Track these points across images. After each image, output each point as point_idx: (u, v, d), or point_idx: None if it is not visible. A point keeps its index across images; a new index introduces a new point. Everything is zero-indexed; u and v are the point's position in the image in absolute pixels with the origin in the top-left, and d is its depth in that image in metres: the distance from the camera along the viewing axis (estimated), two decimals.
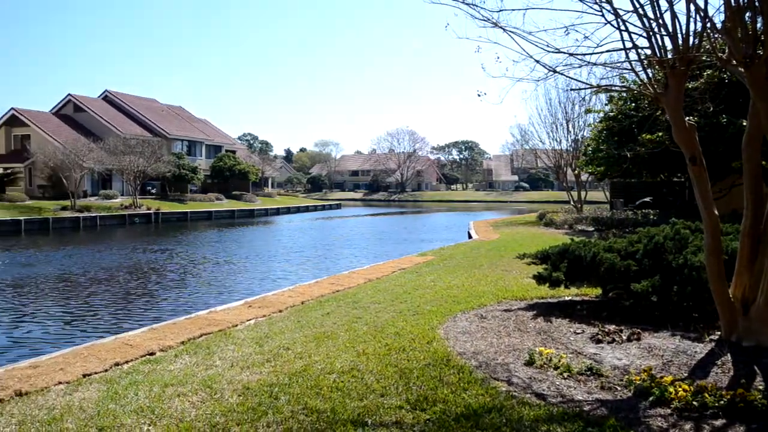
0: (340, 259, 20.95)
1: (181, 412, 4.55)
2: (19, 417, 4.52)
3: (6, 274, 16.78)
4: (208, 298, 13.24)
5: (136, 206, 40.85)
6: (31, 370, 5.79)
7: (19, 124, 47.38)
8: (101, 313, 11.85)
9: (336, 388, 5.03)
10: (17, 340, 9.74)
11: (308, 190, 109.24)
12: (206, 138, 60.12)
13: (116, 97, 56.05)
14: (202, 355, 6.26)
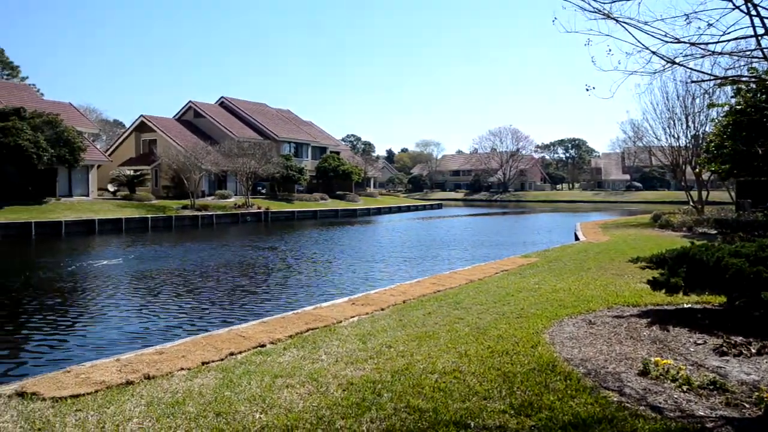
0: (440, 259, 20.90)
1: (289, 403, 4.75)
2: (147, 398, 4.92)
3: (137, 267, 18.39)
4: (312, 295, 13.72)
5: (248, 205, 43.21)
6: (158, 356, 6.30)
7: (147, 129, 51.77)
8: (216, 305, 12.65)
9: (438, 388, 5.03)
10: (145, 327, 10.64)
11: (409, 190, 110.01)
12: (312, 140, 62.36)
13: (231, 102, 59.61)
14: (308, 349, 6.49)
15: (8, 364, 8.51)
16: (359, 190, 65.48)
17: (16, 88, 45.82)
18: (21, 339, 9.92)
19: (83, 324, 10.93)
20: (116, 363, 6.03)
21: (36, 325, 10.78)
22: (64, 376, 5.60)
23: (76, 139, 35.42)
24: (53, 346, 9.33)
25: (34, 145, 31.78)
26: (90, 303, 12.86)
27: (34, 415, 4.58)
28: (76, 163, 35.74)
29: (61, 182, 37.90)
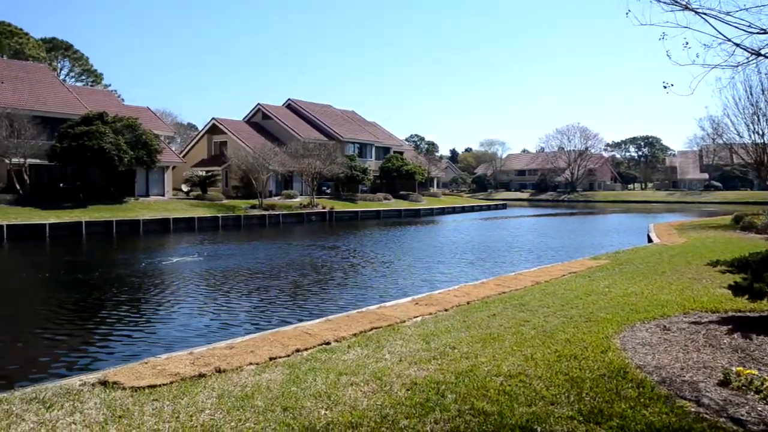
0: (504, 260, 20.56)
1: (354, 401, 4.80)
2: (219, 391, 5.11)
3: (208, 264, 19.13)
4: (376, 294, 13.82)
5: (313, 205, 44.04)
6: (228, 350, 6.52)
7: (218, 132, 53.72)
8: (282, 302, 12.97)
9: (503, 391, 4.94)
10: (215, 322, 11.04)
11: (473, 190, 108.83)
12: (376, 140, 62.83)
13: (297, 104, 60.94)
14: (372, 347, 6.54)
15: (91, 354, 9.04)
16: (422, 190, 65.40)
17: (99, 94, 48.70)
18: (102, 331, 10.52)
19: (158, 317, 11.48)
20: (189, 356, 6.28)
21: (116, 318, 11.40)
22: (142, 367, 5.90)
23: (153, 141, 37.24)
24: (131, 338, 9.84)
25: (116, 147, 33.66)
26: (164, 298, 13.48)
27: (115, 402, 4.84)
28: (153, 164, 37.58)
29: (139, 182, 39.93)
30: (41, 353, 9.07)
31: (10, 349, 9.30)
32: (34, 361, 8.67)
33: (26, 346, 9.50)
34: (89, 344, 9.70)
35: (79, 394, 5.09)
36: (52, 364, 8.47)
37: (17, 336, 10.07)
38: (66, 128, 33.79)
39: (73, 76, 70.02)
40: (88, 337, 10.16)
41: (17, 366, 8.47)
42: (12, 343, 9.64)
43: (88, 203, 33.47)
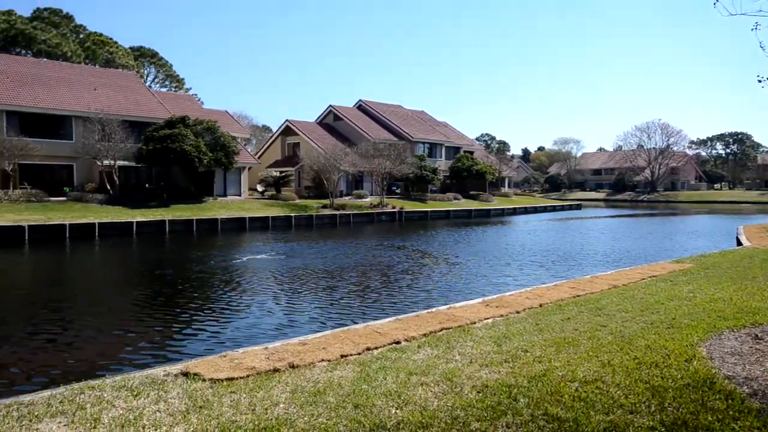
0: (578, 262, 19.91)
1: (424, 401, 4.79)
2: (292, 386, 5.24)
3: (281, 262, 19.68)
4: (445, 294, 13.74)
5: (383, 205, 44.35)
6: (301, 346, 6.68)
7: (292, 133, 55.16)
8: (352, 300, 13.14)
9: (578, 397, 4.79)
10: (288, 318, 11.34)
11: (546, 190, 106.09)
12: (446, 140, 62.48)
13: (368, 105, 61.57)
14: (442, 348, 6.51)
15: (172, 346, 9.51)
16: (493, 190, 64.42)
17: (181, 99, 51.17)
18: (183, 323, 11.04)
19: (234, 313, 11.92)
20: (264, 351, 6.48)
21: (195, 311, 11.94)
22: (221, 360, 6.14)
23: (231, 143, 38.71)
24: (209, 332, 10.27)
25: (196, 149, 35.26)
26: (240, 294, 13.98)
27: (195, 393, 5.07)
28: (230, 165, 39.07)
29: (218, 183, 41.61)
30: (128, 343, 9.62)
31: (100, 338, 9.93)
32: (122, 351, 9.21)
33: (115, 336, 10.12)
34: (170, 336, 10.21)
35: (163, 383, 5.37)
36: (137, 354, 8.97)
37: (107, 327, 10.74)
38: (151, 132, 35.73)
39: (158, 81, 73.96)
40: (169, 329, 10.70)
41: (107, 354, 9.03)
42: (101, 333, 10.30)
43: (170, 203, 35.25)
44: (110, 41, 66.02)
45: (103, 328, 10.66)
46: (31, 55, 55.17)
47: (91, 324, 10.88)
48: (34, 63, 41.16)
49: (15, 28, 57.74)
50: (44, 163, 34.32)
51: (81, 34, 66.70)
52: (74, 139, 35.33)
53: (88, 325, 10.81)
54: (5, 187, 31.69)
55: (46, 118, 34.77)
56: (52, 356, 8.82)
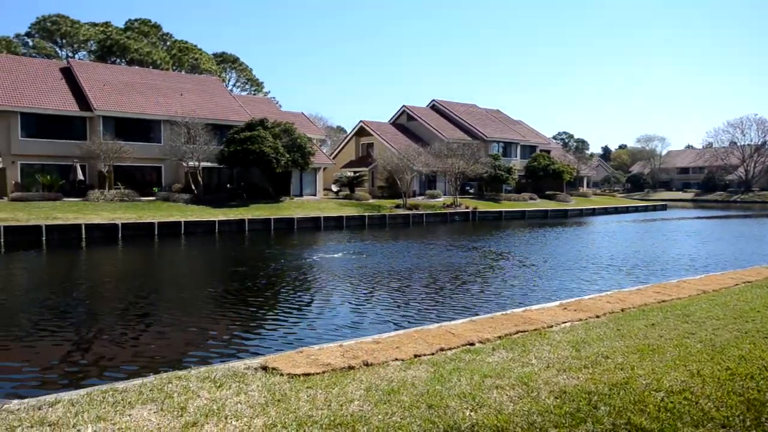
0: (663, 266, 18.93)
1: (499, 404, 4.71)
2: (366, 384, 5.30)
3: (355, 261, 19.96)
4: (520, 296, 13.46)
5: (456, 205, 44.02)
6: (374, 345, 6.74)
7: (365, 134, 55.82)
8: (425, 300, 13.12)
9: (664, 408, 4.55)
10: (361, 316, 11.48)
11: (627, 190, 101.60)
12: (521, 139, 61.18)
13: (441, 105, 61.30)
14: (517, 351, 6.38)
15: (251, 340, 9.86)
16: (571, 190, 62.42)
17: (260, 102, 53.00)
18: (260, 319, 11.43)
19: (309, 309, 12.20)
20: (339, 348, 6.60)
21: (272, 307, 12.33)
22: (298, 355, 6.31)
23: (307, 144, 39.68)
24: (285, 328, 10.57)
25: (274, 150, 36.40)
26: (315, 291, 14.30)
27: (274, 387, 5.23)
28: (306, 166, 40.06)
29: (294, 183, 42.75)
30: (209, 336, 10.07)
31: (184, 330, 10.46)
32: (204, 343, 9.66)
33: (198, 328, 10.62)
34: (249, 330, 10.59)
35: (243, 376, 5.58)
36: (218, 347, 9.37)
37: (191, 319, 11.29)
38: (232, 134, 37.23)
39: (239, 85, 76.97)
40: (248, 323, 11.10)
41: (190, 346, 9.49)
42: (186, 325, 10.84)
43: (250, 202, 36.59)
44: (195, 48, 69.38)
45: (187, 320, 11.22)
46: (125, 64, 58.91)
47: (177, 316, 11.48)
48: (127, 71, 43.96)
49: (111, 38, 61.87)
50: (135, 164, 36.57)
51: (168, 42, 70.54)
52: (162, 142, 37.41)
53: (174, 317, 11.41)
54: (102, 188, 34.02)
55: (138, 123, 37.03)
56: (142, 346, 9.38)
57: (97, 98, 35.84)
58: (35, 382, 7.65)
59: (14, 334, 10.01)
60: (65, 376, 7.92)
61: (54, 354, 8.89)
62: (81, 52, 65.30)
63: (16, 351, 9.00)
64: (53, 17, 62.98)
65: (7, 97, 33.40)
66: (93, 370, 8.17)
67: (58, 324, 10.76)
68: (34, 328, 10.48)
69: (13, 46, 59.52)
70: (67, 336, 9.97)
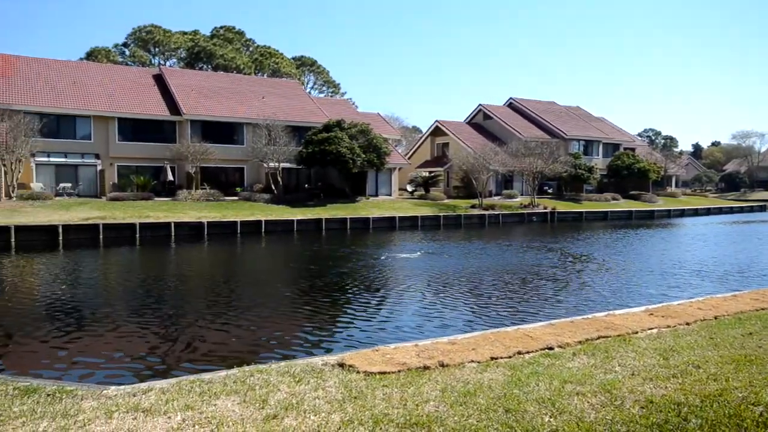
0: (760, 271, 17.61)
1: (580, 411, 4.55)
2: (442, 385, 5.28)
3: (430, 261, 19.93)
4: (602, 300, 12.95)
5: (534, 205, 42.97)
6: (450, 345, 6.70)
7: (441, 133, 55.58)
8: (500, 301, 12.88)
9: (764, 423, 4.24)
10: (436, 316, 11.44)
11: (721, 190, 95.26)
12: (603, 136, 58.84)
13: (519, 103, 60.04)
14: (600, 357, 6.14)
15: (329, 338, 10.06)
16: (657, 190, 59.34)
17: (337, 103, 54.02)
18: (336, 316, 11.64)
19: (384, 309, 12.29)
20: (415, 348, 6.61)
21: (347, 305, 12.52)
22: (373, 354, 6.37)
23: (383, 145, 40.03)
24: (360, 326, 10.70)
25: (350, 151, 36.98)
26: (389, 290, 14.39)
27: (351, 384, 5.32)
28: (382, 166, 40.42)
29: (370, 183, 43.24)
30: (288, 331, 10.36)
31: (264, 324, 10.82)
32: (282, 338, 9.94)
33: (277, 324, 10.95)
34: (325, 327, 10.81)
35: (321, 372, 5.71)
36: (296, 342, 9.62)
37: (270, 314, 11.68)
38: (310, 135, 38.17)
39: (316, 88, 78.82)
40: (324, 320, 11.33)
41: (270, 340, 9.81)
42: (265, 319, 11.21)
43: (327, 202, 37.38)
44: (276, 53, 71.70)
45: (267, 315, 11.61)
46: (211, 69, 61.78)
47: (257, 311, 11.90)
48: (213, 76, 46.11)
49: (198, 45, 65.10)
50: (220, 165, 38.28)
51: (251, 48, 73.33)
52: (245, 144, 38.94)
53: (254, 312, 11.84)
54: (189, 188, 35.86)
55: (223, 126, 38.76)
56: (225, 338, 9.79)
57: (185, 103, 37.80)
58: (128, 369, 8.16)
59: (111, 324, 10.74)
60: (155, 364, 8.40)
61: (145, 343, 9.46)
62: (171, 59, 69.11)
63: (112, 340, 9.65)
64: (147, 27, 67.01)
65: (107, 104, 35.91)
66: (180, 360, 8.62)
67: (150, 316, 11.45)
68: (128, 319, 11.20)
69: (112, 55, 63.88)
70: (157, 327, 10.58)
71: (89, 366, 8.27)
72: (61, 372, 7.89)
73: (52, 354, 8.83)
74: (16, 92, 33.76)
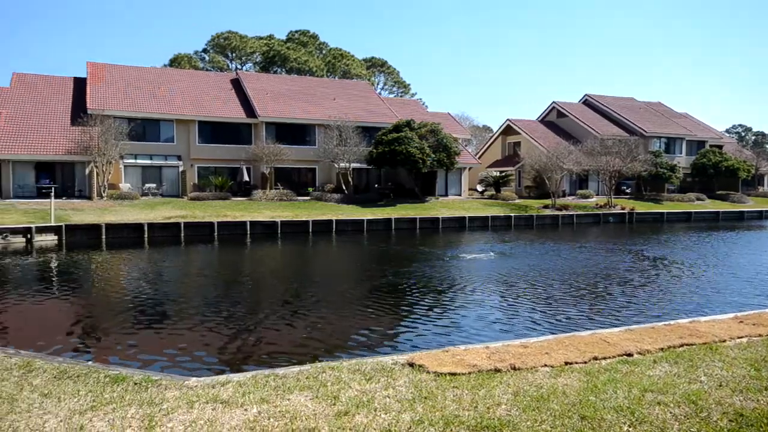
0: None
1: (662, 422, 4.34)
2: (514, 388, 5.18)
3: (501, 262, 19.60)
4: (684, 306, 12.28)
5: (611, 206, 41.36)
6: (522, 348, 6.56)
7: (512, 132, 54.55)
8: (574, 304, 12.47)
9: None
10: (507, 318, 11.23)
11: None
12: (687, 133, 55.80)
13: (595, 99, 57.97)
14: (683, 366, 5.83)
15: (398, 337, 10.10)
16: (748, 190, 55.61)
17: (407, 104, 54.14)
18: (405, 316, 11.65)
19: (453, 309, 12.19)
20: (485, 350, 6.52)
21: (416, 305, 12.50)
22: (443, 354, 6.34)
23: (452, 144, 39.75)
24: (430, 326, 10.66)
25: (420, 151, 36.96)
26: (459, 291, 14.25)
27: (421, 384, 5.31)
28: (452, 166, 40.15)
29: (439, 183, 43.05)
30: (357, 329, 10.48)
31: (335, 322, 11.00)
32: (352, 336, 10.07)
33: (346, 322, 11.11)
34: (394, 326, 10.85)
35: (391, 371, 5.74)
36: (366, 341, 9.72)
37: (340, 312, 11.86)
38: (380, 136, 38.45)
39: (387, 88, 79.32)
40: (393, 319, 11.38)
41: (340, 337, 9.96)
42: (336, 318, 11.39)
43: (396, 202, 37.54)
44: (347, 54, 72.78)
45: (336, 313, 11.79)
46: (285, 72, 63.52)
47: (327, 309, 12.12)
48: (287, 79, 47.39)
49: (273, 50, 67.11)
50: (293, 166, 39.31)
51: (323, 51, 74.81)
52: (317, 145, 39.77)
53: (325, 309, 12.06)
54: (264, 188, 37.04)
55: (295, 127, 39.77)
56: (297, 335, 10.03)
57: (260, 106, 39.07)
58: (204, 361, 8.52)
59: (190, 317, 11.26)
60: (230, 357, 8.72)
61: (221, 336, 9.85)
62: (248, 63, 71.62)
63: (190, 332, 10.11)
64: (225, 34, 69.77)
65: (189, 108, 37.69)
66: (253, 354, 8.91)
67: (225, 310, 11.91)
68: (205, 313, 11.70)
69: (193, 61, 67.00)
70: (232, 321, 10.98)
71: (170, 357, 8.71)
72: (145, 362, 8.35)
73: (137, 345, 9.36)
74: (107, 98, 36.04)
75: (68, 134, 33.47)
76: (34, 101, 35.80)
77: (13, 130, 32.68)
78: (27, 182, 32.75)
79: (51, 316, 11.60)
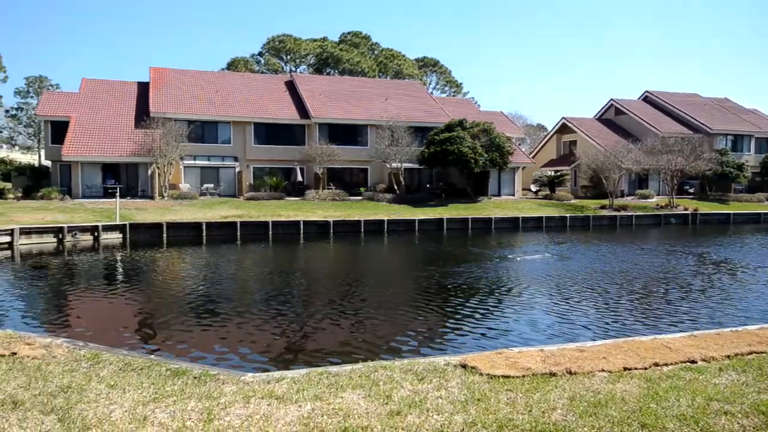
0: None
1: None
2: (570, 393, 5.06)
3: (557, 263, 19.18)
4: (751, 312, 11.68)
5: (672, 206, 39.78)
6: (578, 353, 6.40)
7: (568, 131, 53.24)
8: (633, 308, 12.07)
9: None
10: (562, 321, 10.97)
11: None
12: (756, 130, 52.99)
13: (656, 96, 55.89)
14: (752, 375, 5.55)
15: (450, 338, 10.03)
16: None
17: (459, 103, 53.72)
18: (458, 317, 11.56)
19: (507, 311, 12.02)
20: (540, 353, 6.39)
21: (470, 306, 12.38)
22: (497, 356, 6.26)
23: (505, 144, 39.18)
24: (483, 327, 10.55)
25: (472, 151, 36.61)
26: (513, 293, 14.03)
27: (473, 386, 5.26)
28: (504, 165, 39.58)
29: (492, 183, 42.52)
30: (409, 329, 10.48)
31: (385, 321, 11.03)
32: (404, 336, 10.07)
33: (398, 321, 11.12)
34: (446, 327, 10.79)
35: (443, 372, 5.71)
36: (418, 341, 9.70)
37: (392, 311, 11.88)
38: (432, 135, 38.29)
39: (439, 88, 78.93)
40: (445, 320, 11.32)
41: (392, 337, 9.98)
42: (388, 317, 11.42)
43: (448, 202, 37.30)
44: (399, 55, 72.89)
45: (388, 312, 11.83)
46: (337, 73, 64.22)
47: (379, 308, 12.17)
48: (339, 80, 47.91)
49: (327, 51, 67.97)
50: (345, 166, 39.69)
51: (375, 51, 75.18)
52: (369, 145, 40.00)
53: (377, 308, 12.12)
54: (317, 188, 37.57)
55: (348, 128, 40.14)
56: (349, 333, 10.13)
57: (313, 107, 39.64)
58: (259, 357, 8.72)
59: (245, 314, 11.54)
60: (284, 353, 8.89)
61: (275, 333, 10.05)
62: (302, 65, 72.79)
63: (246, 328, 10.36)
64: (280, 37, 71.15)
65: (245, 110, 38.65)
66: (306, 351, 9.06)
67: (280, 308, 12.15)
68: (260, 310, 11.97)
69: (249, 64, 68.64)
70: (286, 318, 11.19)
71: (224, 352, 8.95)
72: (200, 357, 8.61)
73: (195, 339, 9.67)
74: (168, 102, 37.39)
75: (132, 136, 34.94)
76: (101, 105, 37.58)
77: (82, 134, 34.41)
78: (94, 183, 34.42)
79: (116, 310, 12.15)
